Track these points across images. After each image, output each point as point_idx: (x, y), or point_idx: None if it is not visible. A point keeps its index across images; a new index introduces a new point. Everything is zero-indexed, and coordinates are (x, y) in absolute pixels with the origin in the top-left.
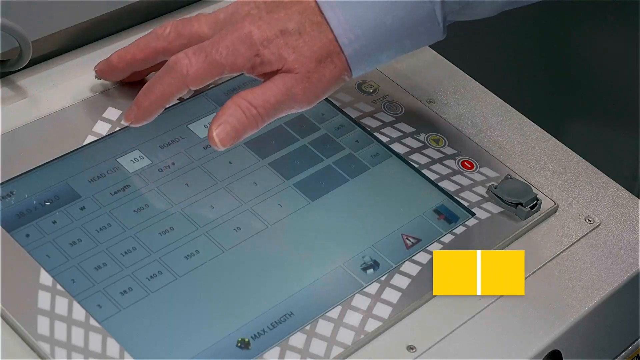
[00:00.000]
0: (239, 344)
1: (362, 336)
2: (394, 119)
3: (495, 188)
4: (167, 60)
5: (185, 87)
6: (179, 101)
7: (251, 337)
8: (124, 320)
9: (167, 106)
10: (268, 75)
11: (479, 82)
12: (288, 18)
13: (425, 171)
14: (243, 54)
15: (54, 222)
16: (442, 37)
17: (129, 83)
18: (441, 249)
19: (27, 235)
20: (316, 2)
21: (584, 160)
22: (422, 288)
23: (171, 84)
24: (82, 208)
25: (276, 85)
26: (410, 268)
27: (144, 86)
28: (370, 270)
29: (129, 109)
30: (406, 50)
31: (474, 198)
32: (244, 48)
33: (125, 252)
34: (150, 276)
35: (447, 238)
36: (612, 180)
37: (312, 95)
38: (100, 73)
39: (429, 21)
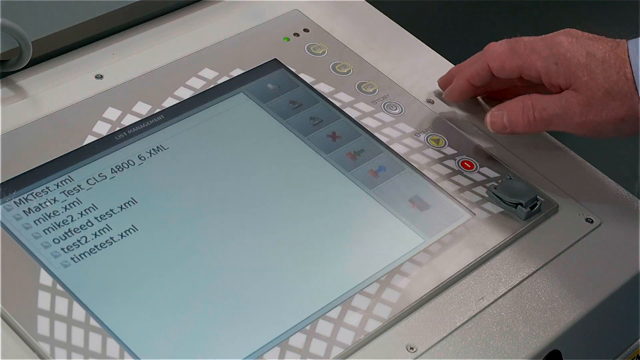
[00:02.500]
0: (239, 344)
1: (362, 336)
2: (393, 119)
3: (495, 188)
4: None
5: (485, 67)
6: (178, 102)
7: (251, 337)
8: (124, 320)
9: (476, 84)
10: (559, 90)
11: None
12: (600, 46)
13: (425, 171)
14: (545, 57)
15: (54, 222)
16: None
17: None
18: (440, 249)
19: (27, 234)
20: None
21: (584, 160)
22: (422, 288)
23: (476, 62)
24: (84, 210)
25: (559, 98)
26: (410, 268)
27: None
28: (371, 269)
29: (448, 88)
30: None
31: (474, 198)
32: (548, 52)
33: (126, 253)
34: (151, 277)
35: (447, 238)
36: (612, 180)
37: (587, 121)
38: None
39: None
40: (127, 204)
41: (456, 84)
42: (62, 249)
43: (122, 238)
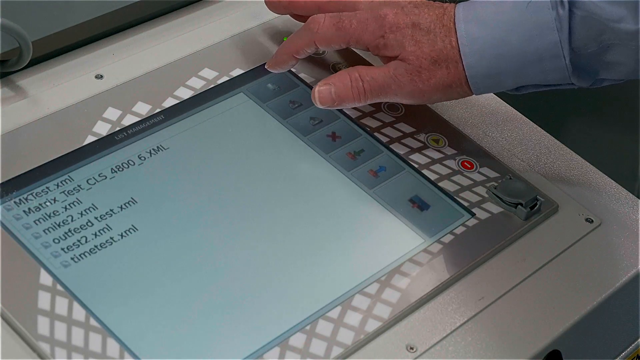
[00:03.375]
0: (239, 344)
1: (362, 336)
2: (394, 119)
3: (495, 188)
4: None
5: (312, 43)
6: (177, 102)
7: (251, 337)
8: (124, 320)
9: (299, 57)
10: (388, 60)
11: None
12: (425, 16)
13: (425, 171)
14: (371, 32)
15: (54, 222)
16: (572, 81)
17: None
18: (440, 249)
19: (27, 236)
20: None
21: (584, 160)
22: (422, 288)
23: (302, 38)
24: (84, 210)
25: (388, 68)
26: (410, 268)
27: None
28: (371, 269)
29: (271, 58)
30: (532, 80)
31: (474, 198)
32: (374, 26)
33: (126, 253)
34: (151, 276)
35: (447, 238)
36: (612, 180)
37: (416, 89)
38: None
39: (553, 51)
40: (127, 204)
41: (280, 57)
42: (62, 249)
43: (122, 238)
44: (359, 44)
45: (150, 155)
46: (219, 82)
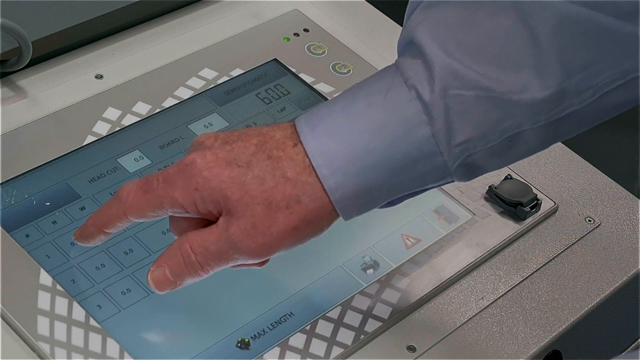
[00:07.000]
0: (239, 344)
1: (362, 336)
2: None
3: (495, 188)
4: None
5: (123, 215)
6: (178, 102)
7: (251, 337)
8: (124, 320)
9: (110, 231)
10: (215, 217)
11: None
12: (242, 149)
13: None
14: (182, 186)
15: (54, 223)
16: (454, 179)
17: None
18: (440, 249)
19: (27, 236)
20: (292, 130)
21: (584, 160)
22: (422, 288)
23: (111, 208)
24: (82, 208)
25: (218, 230)
26: (410, 268)
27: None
28: (370, 270)
29: (80, 227)
30: (408, 188)
31: (474, 198)
32: (183, 179)
33: (125, 252)
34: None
35: (447, 238)
36: (612, 180)
37: (259, 245)
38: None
39: (425, 150)
40: None
41: (88, 229)
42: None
43: (121, 238)
44: (174, 204)
45: None
46: (219, 82)
